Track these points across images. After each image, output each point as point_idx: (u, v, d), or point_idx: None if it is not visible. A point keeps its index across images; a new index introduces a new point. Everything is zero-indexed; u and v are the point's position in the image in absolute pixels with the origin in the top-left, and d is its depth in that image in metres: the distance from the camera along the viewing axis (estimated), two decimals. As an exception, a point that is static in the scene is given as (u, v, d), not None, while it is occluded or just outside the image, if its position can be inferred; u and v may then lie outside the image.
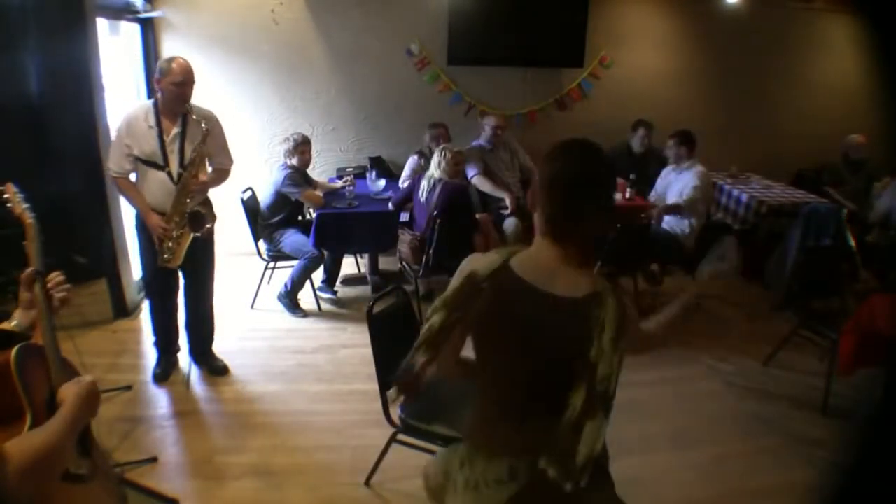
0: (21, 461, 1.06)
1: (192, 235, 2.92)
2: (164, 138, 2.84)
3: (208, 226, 2.95)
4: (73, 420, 1.26)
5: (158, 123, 2.83)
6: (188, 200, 2.88)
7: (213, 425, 2.96)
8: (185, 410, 3.06)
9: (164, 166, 2.85)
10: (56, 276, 1.58)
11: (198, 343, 3.37)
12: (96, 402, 1.37)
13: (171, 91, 2.79)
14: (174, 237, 2.89)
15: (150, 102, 2.89)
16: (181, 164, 2.87)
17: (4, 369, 1.32)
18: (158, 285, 3.17)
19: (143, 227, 2.95)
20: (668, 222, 4.22)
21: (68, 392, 1.31)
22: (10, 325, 1.54)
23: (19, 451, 1.07)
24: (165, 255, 2.90)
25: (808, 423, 3.02)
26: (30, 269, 1.56)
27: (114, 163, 2.84)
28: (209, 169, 3.06)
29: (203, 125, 2.87)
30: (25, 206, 1.75)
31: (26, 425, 1.29)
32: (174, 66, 2.80)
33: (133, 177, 2.96)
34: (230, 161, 3.14)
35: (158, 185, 2.88)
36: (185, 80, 2.81)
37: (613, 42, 5.29)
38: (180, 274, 3.13)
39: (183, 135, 2.87)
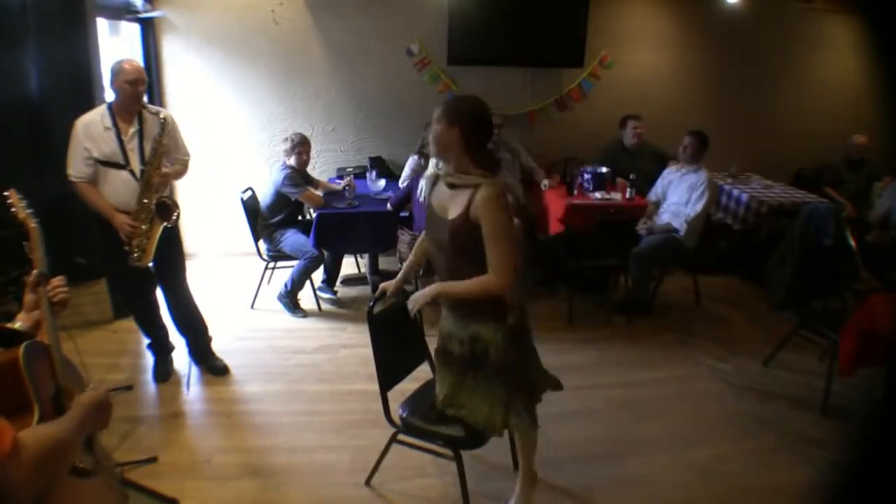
0: (35, 451, 1.08)
1: (161, 228, 2.94)
2: (122, 138, 2.86)
3: (176, 213, 2.97)
4: (83, 420, 1.30)
5: (115, 124, 2.85)
6: (153, 195, 2.90)
7: (214, 425, 2.96)
8: (185, 410, 3.06)
9: (125, 165, 2.87)
10: (56, 280, 1.61)
11: (194, 341, 3.38)
12: (107, 413, 1.42)
13: (126, 90, 2.81)
14: (144, 231, 2.90)
15: (103, 106, 2.91)
16: (142, 162, 2.89)
17: (13, 365, 1.36)
18: (131, 288, 3.17)
19: (105, 232, 2.92)
20: (664, 220, 4.20)
21: (83, 396, 1.37)
22: (15, 326, 1.57)
23: (33, 441, 1.09)
24: (135, 254, 2.91)
25: (807, 423, 3.02)
26: (35, 272, 1.59)
27: (74, 169, 2.83)
28: (167, 165, 3.07)
29: (161, 115, 2.92)
30: (28, 211, 1.78)
31: (34, 418, 1.33)
32: (126, 65, 2.82)
33: None
34: (187, 155, 3.17)
35: (122, 185, 2.89)
36: (139, 78, 2.83)
37: (613, 42, 5.29)
38: (153, 274, 3.13)
39: (141, 133, 2.90)
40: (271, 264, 4.26)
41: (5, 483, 1.00)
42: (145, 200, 2.89)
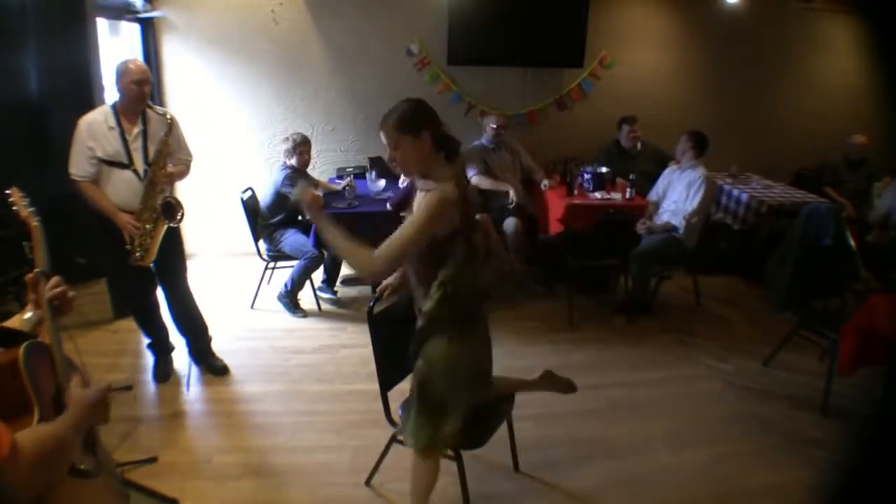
0: (32, 453, 1.07)
1: (165, 228, 2.94)
2: (126, 138, 2.87)
3: (181, 213, 2.98)
4: (80, 418, 1.30)
5: (119, 124, 2.86)
6: (157, 194, 2.91)
7: (213, 425, 2.96)
8: (185, 410, 3.06)
9: (128, 165, 2.88)
10: (54, 281, 1.58)
11: (194, 341, 3.38)
12: (104, 409, 1.40)
13: (131, 90, 2.82)
14: (147, 231, 2.91)
15: (108, 105, 2.93)
16: (146, 162, 2.90)
17: (13, 365, 1.35)
18: (133, 288, 3.18)
19: (107, 232, 2.92)
20: (664, 219, 4.21)
21: (77, 393, 1.35)
22: (24, 317, 1.55)
23: (30, 442, 1.09)
24: (137, 254, 2.91)
25: (807, 423, 3.02)
26: (35, 271, 1.58)
27: (77, 167, 2.83)
28: (170, 165, 3.08)
29: (168, 115, 2.94)
30: (31, 209, 1.77)
31: (34, 420, 1.32)
32: (131, 66, 2.83)
33: None
34: (190, 156, 3.19)
35: (124, 185, 2.89)
36: (144, 79, 2.84)
37: (613, 42, 5.29)
38: (154, 274, 3.14)
39: (145, 133, 2.91)
40: (271, 264, 4.26)
41: (4, 484, 1.00)
42: (149, 201, 2.90)
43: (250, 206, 4.20)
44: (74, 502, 1.37)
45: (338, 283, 4.51)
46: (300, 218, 4.36)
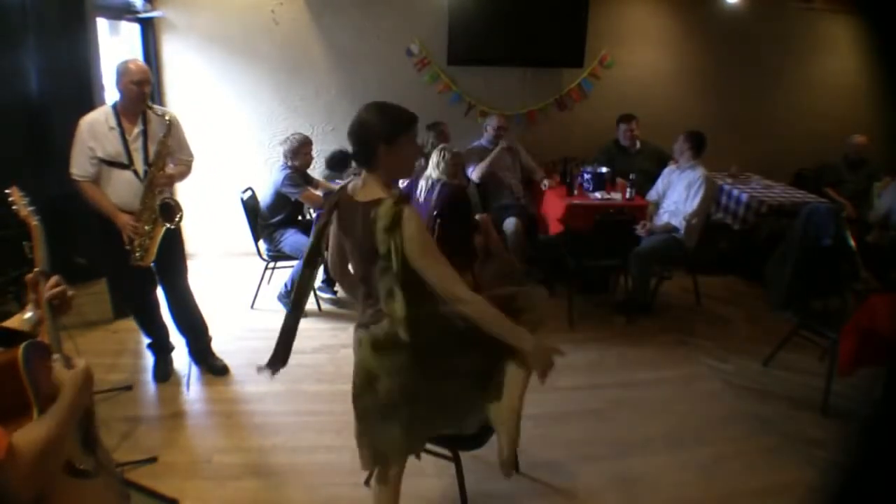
0: (31, 453, 1.07)
1: (164, 228, 2.94)
2: (126, 138, 2.87)
3: (179, 215, 2.98)
4: (71, 406, 1.29)
5: (119, 124, 2.86)
6: (156, 195, 2.92)
7: (213, 425, 2.96)
8: (185, 410, 3.06)
9: (129, 165, 2.88)
10: (52, 280, 1.58)
11: (194, 341, 3.38)
12: (91, 386, 1.39)
13: (131, 90, 2.82)
14: (146, 232, 2.91)
15: (108, 106, 2.93)
16: (146, 162, 2.90)
17: (12, 365, 1.35)
18: (133, 287, 3.18)
19: (107, 231, 2.92)
20: (664, 220, 4.21)
21: (64, 378, 1.34)
22: (24, 317, 1.55)
23: (27, 443, 1.09)
24: (137, 254, 2.91)
25: (807, 423, 3.02)
26: (35, 271, 1.58)
27: (78, 167, 2.84)
28: (171, 166, 3.08)
29: (167, 117, 2.94)
30: (30, 208, 1.77)
31: (34, 419, 1.32)
32: (132, 66, 2.83)
33: None
34: (191, 156, 3.18)
35: (124, 185, 2.89)
36: (144, 79, 2.84)
37: (613, 42, 5.29)
38: (154, 273, 3.14)
39: (145, 133, 2.91)
40: (271, 264, 4.26)
41: (3, 486, 1.00)
42: (148, 201, 2.90)
43: (250, 206, 4.20)
44: (74, 502, 1.37)
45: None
46: (300, 218, 4.37)
